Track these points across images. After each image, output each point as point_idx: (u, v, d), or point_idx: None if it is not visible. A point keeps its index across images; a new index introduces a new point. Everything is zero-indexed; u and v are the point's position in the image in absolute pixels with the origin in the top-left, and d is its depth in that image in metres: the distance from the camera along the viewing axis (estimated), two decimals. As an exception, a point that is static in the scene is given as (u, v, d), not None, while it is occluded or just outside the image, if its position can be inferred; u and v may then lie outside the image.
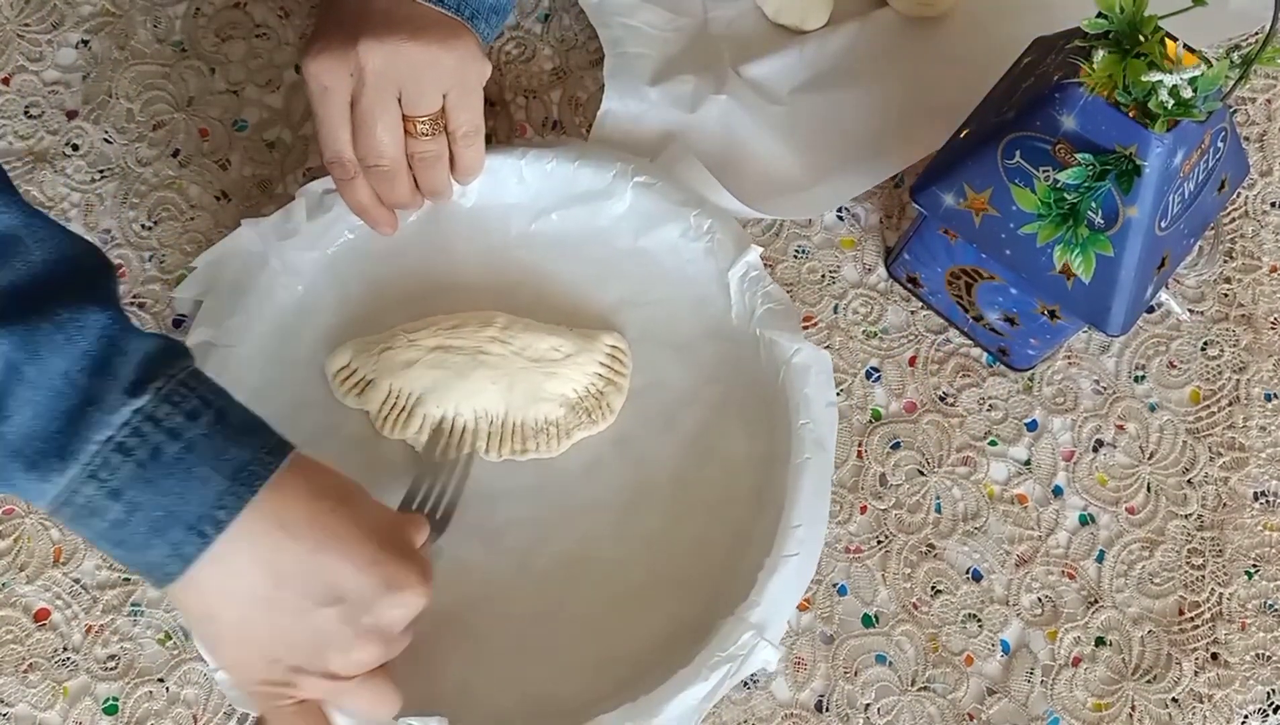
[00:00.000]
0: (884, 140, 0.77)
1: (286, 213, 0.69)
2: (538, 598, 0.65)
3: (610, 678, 0.63)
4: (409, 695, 0.61)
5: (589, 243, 0.72)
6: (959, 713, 0.66)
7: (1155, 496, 0.71)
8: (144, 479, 0.49)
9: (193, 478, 0.50)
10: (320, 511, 0.53)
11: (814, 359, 0.67)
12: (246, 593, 0.52)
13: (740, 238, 0.70)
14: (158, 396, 0.50)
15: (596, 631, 0.65)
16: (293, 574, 0.52)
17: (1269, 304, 0.75)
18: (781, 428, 0.66)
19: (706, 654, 0.60)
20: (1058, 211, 0.59)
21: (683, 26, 0.80)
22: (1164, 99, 0.56)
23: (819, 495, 0.65)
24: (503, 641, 0.64)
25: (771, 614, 0.61)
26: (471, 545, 0.66)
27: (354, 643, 0.54)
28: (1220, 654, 0.68)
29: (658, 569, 0.66)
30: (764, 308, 0.69)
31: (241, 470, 0.51)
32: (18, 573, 0.67)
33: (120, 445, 0.49)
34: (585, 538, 0.67)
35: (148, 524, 0.50)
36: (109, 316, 0.50)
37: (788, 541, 0.63)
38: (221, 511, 0.50)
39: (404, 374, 0.67)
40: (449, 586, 0.65)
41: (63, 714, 0.64)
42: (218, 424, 0.51)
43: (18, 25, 0.78)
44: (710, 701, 0.60)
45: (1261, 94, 0.81)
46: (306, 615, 0.53)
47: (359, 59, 0.61)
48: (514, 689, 0.63)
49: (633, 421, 0.69)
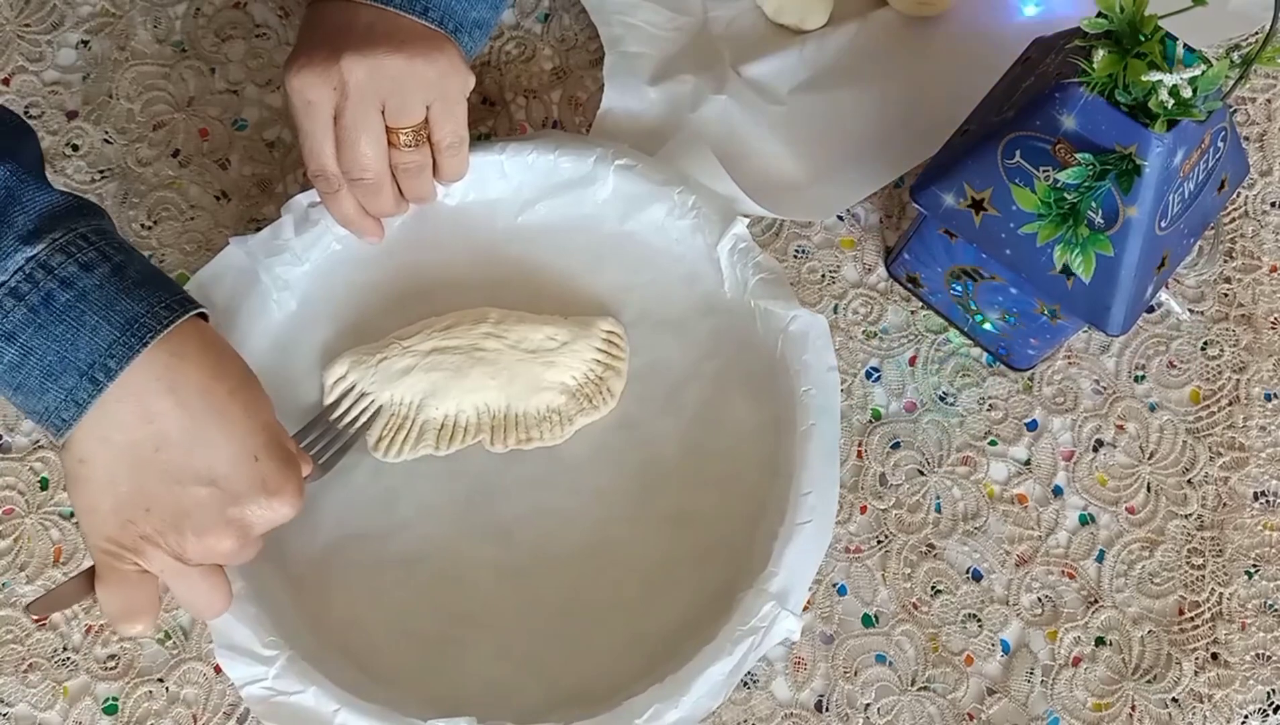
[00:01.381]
0: (884, 140, 0.77)
1: (274, 230, 0.69)
2: (557, 588, 0.65)
3: (637, 660, 0.63)
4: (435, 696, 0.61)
5: (576, 231, 0.72)
6: (959, 713, 0.66)
7: (1155, 496, 0.71)
8: (36, 324, 0.52)
9: (84, 326, 0.52)
10: (216, 390, 0.55)
11: (810, 324, 0.67)
12: (125, 446, 0.53)
13: (725, 211, 0.70)
14: (53, 246, 0.52)
15: (619, 616, 0.65)
16: (174, 442, 0.53)
17: (1269, 304, 0.75)
18: (784, 396, 0.67)
19: (729, 629, 0.61)
20: (1058, 211, 0.59)
21: (683, 26, 0.80)
22: (1164, 99, 0.55)
23: (828, 460, 0.65)
24: (526, 635, 0.65)
25: (791, 583, 0.62)
26: (487, 541, 0.66)
27: (213, 529, 0.55)
28: (1220, 654, 0.68)
29: (674, 547, 0.66)
30: (756, 278, 0.69)
31: (134, 322, 0.53)
32: (18, 573, 0.67)
33: (13, 290, 0.52)
34: (599, 523, 0.67)
35: (42, 369, 0.52)
36: (7, 170, 0.53)
37: (800, 509, 0.63)
38: (111, 361, 0.52)
39: (400, 383, 0.67)
40: (466, 588, 0.66)
41: (63, 714, 0.65)
42: (114, 277, 0.53)
43: (17, 26, 0.78)
44: (738, 675, 0.60)
45: (1261, 94, 0.81)
46: (175, 487, 0.54)
47: (342, 73, 0.61)
48: (541, 681, 0.63)
49: (636, 403, 0.69)
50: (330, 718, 0.59)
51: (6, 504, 0.68)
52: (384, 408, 0.68)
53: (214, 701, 0.65)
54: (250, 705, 0.60)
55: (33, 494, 0.68)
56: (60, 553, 0.67)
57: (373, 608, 0.65)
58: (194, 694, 0.65)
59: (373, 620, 0.65)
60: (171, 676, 0.65)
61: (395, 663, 0.64)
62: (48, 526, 0.68)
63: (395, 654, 0.64)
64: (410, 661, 0.64)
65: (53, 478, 0.69)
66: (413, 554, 0.66)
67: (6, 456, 0.69)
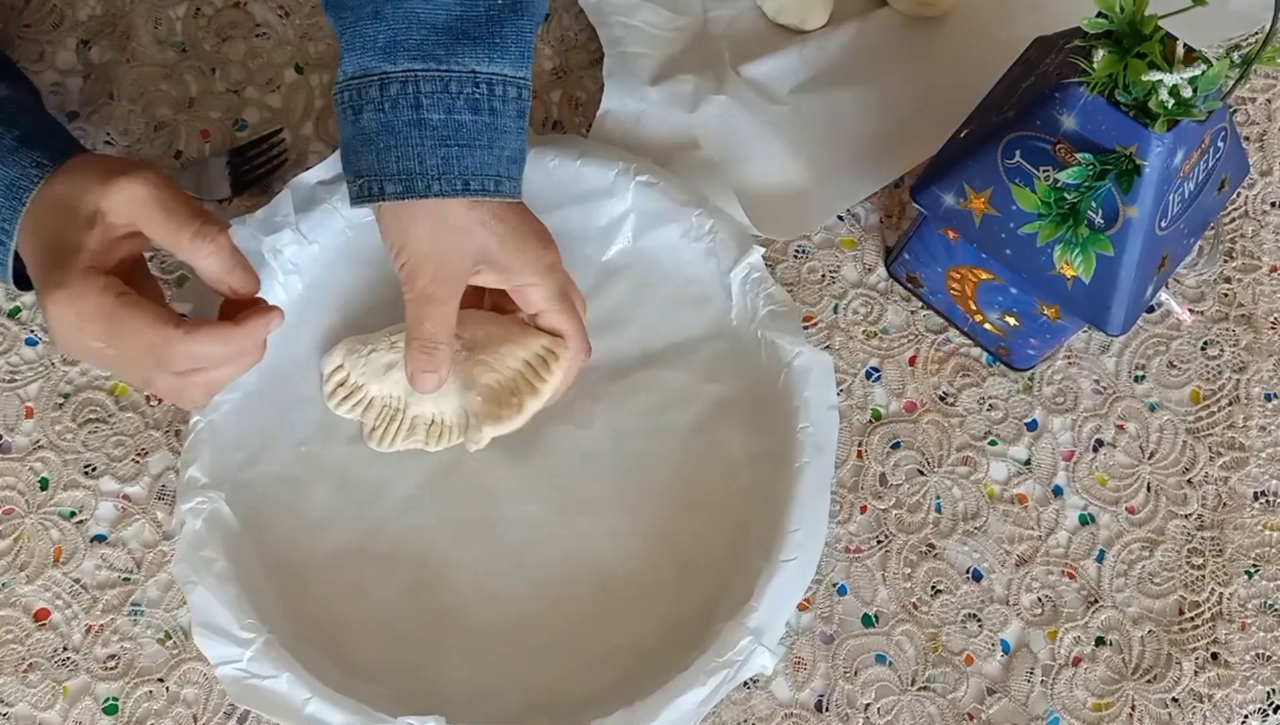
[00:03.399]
0: (884, 140, 0.77)
1: (273, 207, 0.69)
2: (536, 596, 0.65)
3: (610, 675, 0.63)
4: (408, 695, 0.61)
5: (589, 241, 0.72)
6: (959, 712, 0.66)
7: (1155, 496, 0.71)
8: None
9: None
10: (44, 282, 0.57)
11: (815, 362, 0.67)
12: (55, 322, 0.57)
13: (742, 238, 0.70)
14: None
15: (595, 629, 0.65)
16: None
17: (1269, 304, 0.75)
18: (781, 430, 0.66)
19: (705, 660, 0.60)
20: (1058, 211, 0.59)
21: (683, 26, 0.80)
22: (1164, 99, 0.55)
23: (818, 499, 0.64)
24: (501, 641, 0.65)
25: (769, 619, 0.61)
26: (469, 543, 0.66)
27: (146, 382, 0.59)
28: (1220, 654, 0.68)
29: (656, 566, 0.66)
30: (766, 309, 0.69)
31: (12, 186, 0.56)
32: (18, 573, 0.67)
33: None
34: (582, 535, 0.67)
35: None
36: None
37: (786, 546, 0.63)
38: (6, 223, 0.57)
39: (386, 378, 0.67)
40: (447, 590, 0.66)
41: (63, 714, 0.65)
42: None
43: (17, 26, 0.78)
44: (708, 706, 0.60)
45: (1261, 94, 0.81)
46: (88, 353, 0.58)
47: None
48: (513, 688, 0.63)
49: (630, 418, 0.69)
50: (301, 706, 0.59)
51: (6, 504, 0.68)
52: (375, 399, 0.68)
53: (214, 701, 0.65)
54: (224, 685, 0.60)
55: (33, 494, 0.68)
56: (60, 552, 0.67)
57: (352, 602, 0.65)
58: (194, 694, 0.65)
59: (351, 614, 0.65)
60: (171, 676, 0.65)
61: (371, 658, 0.64)
62: (48, 526, 0.68)
63: (371, 649, 0.64)
64: (386, 658, 0.64)
65: (53, 478, 0.69)
66: (395, 551, 0.66)
67: (6, 456, 0.69)
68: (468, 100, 0.58)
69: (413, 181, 0.58)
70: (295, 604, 0.64)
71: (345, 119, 0.60)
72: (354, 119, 0.59)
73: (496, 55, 0.59)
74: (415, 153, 0.58)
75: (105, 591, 0.67)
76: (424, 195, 0.58)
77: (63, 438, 0.69)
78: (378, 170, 0.59)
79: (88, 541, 0.68)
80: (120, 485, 0.69)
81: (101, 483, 0.69)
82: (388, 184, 0.59)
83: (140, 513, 0.68)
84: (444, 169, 0.58)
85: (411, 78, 0.58)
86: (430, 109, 0.58)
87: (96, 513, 0.68)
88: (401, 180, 0.59)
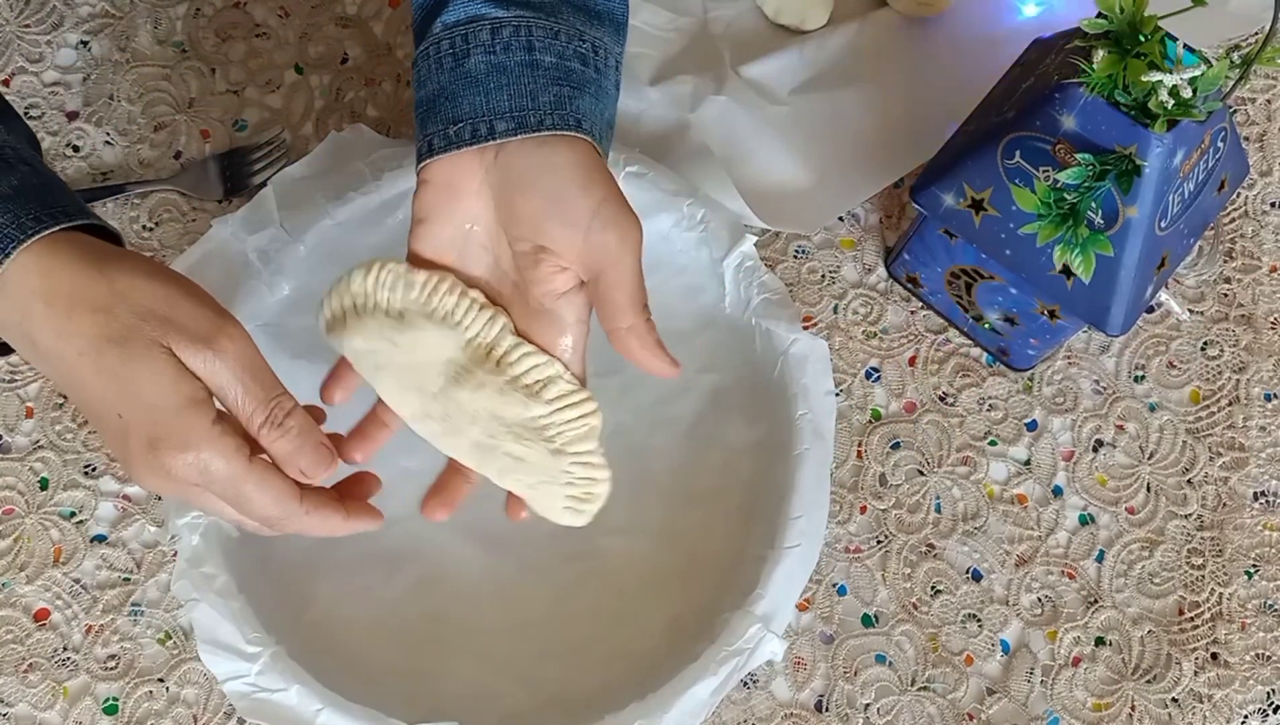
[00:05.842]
0: (884, 140, 0.77)
1: (255, 205, 0.68)
2: (542, 595, 0.65)
3: (619, 671, 0.63)
4: (419, 698, 0.61)
5: None
6: (959, 713, 0.66)
7: (1155, 496, 0.71)
8: None
9: None
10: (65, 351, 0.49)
11: (811, 349, 0.67)
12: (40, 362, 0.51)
13: (734, 227, 0.70)
14: None
15: (602, 625, 0.65)
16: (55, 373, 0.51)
17: (1269, 304, 0.75)
18: (780, 418, 0.66)
19: (714, 650, 0.60)
20: (1058, 211, 0.59)
21: (683, 26, 0.80)
22: (1164, 99, 0.55)
23: (819, 485, 0.64)
24: (510, 642, 0.65)
25: (776, 606, 0.61)
26: (473, 546, 0.66)
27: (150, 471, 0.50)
28: (1220, 654, 0.68)
29: (661, 560, 0.66)
30: (760, 297, 0.69)
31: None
32: (18, 573, 0.67)
33: None
34: (585, 532, 0.67)
35: None
36: None
37: (789, 533, 0.63)
38: None
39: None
40: (452, 589, 0.66)
41: (63, 714, 0.65)
42: None
43: (17, 26, 0.78)
44: (720, 695, 0.60)
45: (1261, 94, 0.81)
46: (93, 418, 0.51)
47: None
48: (523, 689, 0.63)
49: (628, 413, 0.69)
50: (312, 717, 0.58)
51: (6, 504, 0.68)
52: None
53: (214, 702, 0.65)
54: (233, 701, 0.59)
55: (33, 494, 0.68)
56: (60, 553, 0.67)
57: (357, 605, 0.65)
58: (194, 694, 0.65)
59: (357, 618, 0.65)
60: (172, 676, 0.65)
61: (379, 662, 0.64)
62: (48, 526, 0.68)
63: (379, 653, 0.64)
64: (394, 661, 0.64)
65: (53, 478, 0.69)
66: (399, 552, 0.66)
67: (6, 456, 0.69)
68: (576, 52, 0.57)
69: (525, 116, 0.56)
70: (300, 609, 0.64)
71: (442, 67, 0.57)
72: (454, 66, 0.57)
73: (596, 24, 0.59)
74: (529, 90, 0.56)
75: (105, 591, 0.67)
76: (535, 130, 0.56)
77: (63, 438, 0.69)
78: (485, 110, 0.56)
79: (88, 541, 0.68)
80: (120, 485, 0.69)
81: (101, 483, 0.69)
82: (498, 122, 0.56)
83: (140, 513, 0.68)
84: (556, 105, 0.56)
85: (524, 23, 0.56)
86: (543, 51, 0.56)
87: (96, 513, 0.68)
88: (514, 117, 0.56)
